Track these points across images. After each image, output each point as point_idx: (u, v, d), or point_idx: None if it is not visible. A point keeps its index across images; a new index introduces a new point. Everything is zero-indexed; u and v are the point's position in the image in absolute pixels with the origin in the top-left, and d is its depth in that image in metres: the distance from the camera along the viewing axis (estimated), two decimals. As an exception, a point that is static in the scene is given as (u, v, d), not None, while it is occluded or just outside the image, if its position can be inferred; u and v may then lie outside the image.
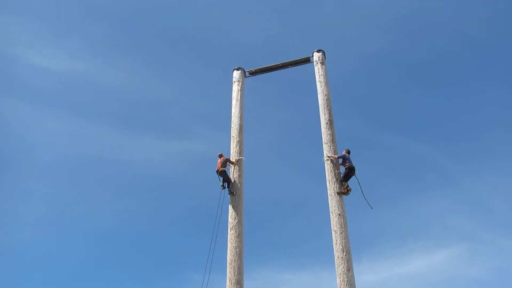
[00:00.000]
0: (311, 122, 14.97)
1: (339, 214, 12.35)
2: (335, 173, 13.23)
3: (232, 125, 15.53)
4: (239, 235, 13.20)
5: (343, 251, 11.72)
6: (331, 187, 13.01)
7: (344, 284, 11.29)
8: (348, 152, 13.55)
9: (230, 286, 12.45)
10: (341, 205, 12.53)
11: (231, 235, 13.24)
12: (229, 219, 13.54)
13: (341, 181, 13.07)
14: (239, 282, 12.47)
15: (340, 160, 13.48)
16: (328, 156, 13.58)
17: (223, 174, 14.15)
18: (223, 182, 14.23)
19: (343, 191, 12.84)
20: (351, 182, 13.15)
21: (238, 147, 14.87)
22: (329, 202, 12.69)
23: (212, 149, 14.31)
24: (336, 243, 11.91)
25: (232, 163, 14.59)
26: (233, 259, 12.78)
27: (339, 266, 11.58)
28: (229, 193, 14.09)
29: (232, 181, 14.25)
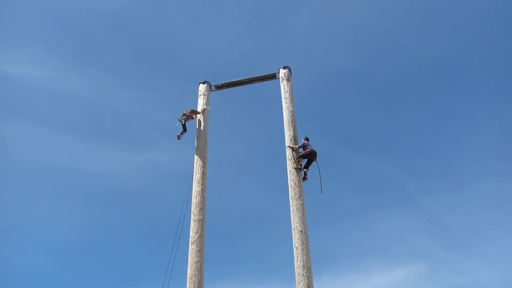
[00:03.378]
0: (275, 137, 15.11)
1: (301, 231, 12.40)
2: (294, 157, 13.93)
3: (196, 138, 15.44)
4: (200, 250, 13.05)
5: (304, 268, 11.75)
6: (289, 164, 13.85)
7: (304, 301, 11.31)
8: (307, 139, 14.32)
9: (190, 301, 12.30)
10: (303, 221, 12.58)
11: (192, 249, 13.08)
12: (191, 233, 13.39)
13: (297, 158, 13.86)
14: (198, 298, 12.33)
15: (301, 149, 14.03)
16: (289, 146, 14.21)
17: (185, 121, 15.23)
18: (181, 132, 15.22)
19: (299, 167, 13.65)
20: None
21: (201, 161, 14.78)
22: (291, 218, 12.74)
23: (176, 162, 14.29)
24: (298, 260, 11.93)
25: (198, 113, 15.71)
26: (193, 274, 12.63)
27: (300, 283, 11.59)
28: (178, 139, 15.24)
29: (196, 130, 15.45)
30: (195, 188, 14.22)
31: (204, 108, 15.95)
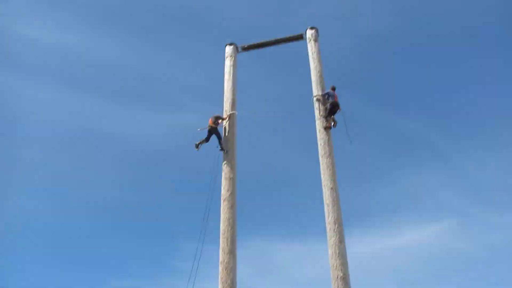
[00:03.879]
0: (304, 97, 15.22)
1: (331, 188, 12.66)
2: (320, 109, 14.20)
3: (224, 99, 15.64)
4: (232, 207, 13.43)
5: (335, 224, 12.07)
6: (318, 123, 14.08)
7: (335, 255, 11.66)
8: (334, 88, 14.53)
9: (223, 255, 12.72)
10: (333, 179, 12.83)
11: (224, 206, 13.46)
12: (222, 191, 13.74)
13: (325, 116, 13.98)
14: (231, 252, 12.75)
15: (328, 98, 14.33)
16: (315, 96, 14.57)
17: (215, 131, 14.61)
18: (201, 142, 14.75)
19: (328, 126, 13.80)
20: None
21: (231, 121, 14.99)
22: (322, 175, 13.00)
23: (204, 122, 14.39)
24: (328, 216, 12.25)
25: (224, 119, 14.94)
26: (226, 230, 13.03)
27: (331, 238, 11.94)
28: (220, 150, 14.46)
29: (223, 137, 14.69)
30: (224, 131, 14.81)
31: (230, 114, 15.18)
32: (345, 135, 14.07)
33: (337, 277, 11.36)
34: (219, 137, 14.59)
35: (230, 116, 15.04)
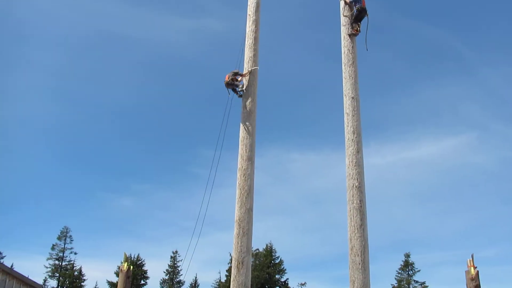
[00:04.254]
0: (329, 3, 14.51)
1: (352, 97, 12.42)
2: (346, 15, 13.52)
3: (248, 3, 15.07)
4: (252, 114, 13.40)
5: (354, 133, 11.97)
6: (343, 30, 13.46)
7: (352, 165, 11.68)
8: None
9: (242, 162, 12.91)
10: (355, 88, 12.55)
11: (244, 113, 13.45)
12: (243, 97, 13.69)
13: (351, 22, 13.30)
14: (250, 159, 12.91)
15: (354, 2, 13.50)
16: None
17: (230, 86, 13.96)
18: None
19: (354, 32, 13.21)
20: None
21: (254, 26, 14.52)
22: (343, 84, 12.72)
23: (227, 29, 13.96)
24: (348, 126, 12.13)
25: (243, 75, 13.95)
26: (245, 137, 13.11)
27: (349, 148, 11.90)
28: (239, 96, 13.96)
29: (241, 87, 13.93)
30: (247, 53, 14.20)
31: (251, 69, 13.95)
32: (370, 43, 13.49)
33: (353, 186, 11.45)
34: (234, 91, 14.06)
35: (252, 72, 13.94)
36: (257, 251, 55.25)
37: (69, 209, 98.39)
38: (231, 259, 11.97)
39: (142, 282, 62.70)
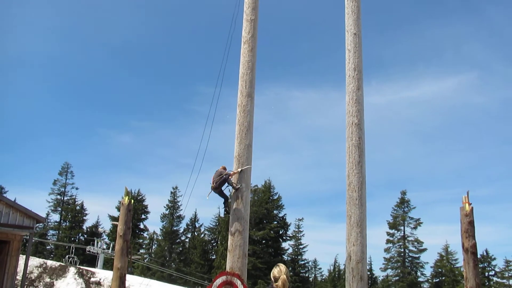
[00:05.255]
0: None
1: (355, 34, 12.19)
2: None
3: None
4: (252, 50, 13.22)
5: (354, 70, 11.85)
6: None
7: (352, 102, 11.64)
8: None
9: (241, 98, 12.86)
10: (358, 24, 12.29)
11: (244, 49, 13.27)
12: (243, 33, 13.44)
13: None
14: (250, 95, 12.86)
15: None
16: None
17: (217, 192, 12.53)
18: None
19: None
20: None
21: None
22: (346, 20, 12.46)
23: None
24: (349, 62, 11.99)
25: (232, 174, 12.27)
26: (245, 73, 13.00)
27: (349, 85, 11.82)
28: (225, 213, 12.61)
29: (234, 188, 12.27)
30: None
31: (241, 169, 12.29)
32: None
33: (352, 124, 11.47)
34: (225, 199, 12.64)
35: (241, 172, 12.31)
36: (255, 187, 56.20)
37: (70, 145, 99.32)
38: (230, 195, 11.90)
39: (143, 216, 64.21)
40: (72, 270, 31.13)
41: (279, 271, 4.79)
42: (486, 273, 54.41)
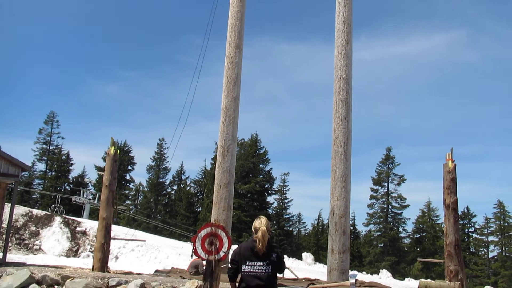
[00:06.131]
0: None
1: (346, -14, 11.96)
2: None
3: None
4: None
5: (344, 24, 11.68)
6: None
7: (341, 56, 11.53)
8: None
9: (230, 49, 12.68)
10: (349, -24, 12.06)
11: (233, -1, 12.99)
12: (232, -17, 13.14)
13: None
14: (238, 46, 12.67)
15: None
16: None
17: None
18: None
19: None
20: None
21: None
22: (338, -28, 12.19)
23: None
24: (339, 15, 11.80)
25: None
26: (234, 23, 12.76)
27: (339, 39, 11.67)
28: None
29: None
30: None
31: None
32: None
33: (340, 78, 11.40)
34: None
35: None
36: (242, 140, 56.29)
37: (56, 95, 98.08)
38: (216, 148, 11.90)
39: (129, 167, 64.32)
40: (57, 219, 31.31)
41: (259, 223, 4.88)
42: (466, 230, 55.82)
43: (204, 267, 6.44)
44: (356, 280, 8.41)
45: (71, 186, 61.33)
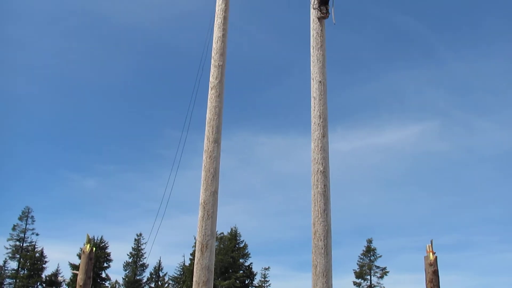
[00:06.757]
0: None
1: (320, 81, 12.35)
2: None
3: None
4: (220, 95, 13.19)
5: (320, 118, 11.92)
6: (313, 13, 13.21)
7: (318, 149, 11.65)
8: None
9: (208, 144, 12.73)
10: (323, 72, 12.48)
11: (211, 94, 13.23)
12: (211, 79, 13.43)
13: (319, 5, 13.03)
14: (216, 141, 12.74)
15: None
16: None
17: None
18: None
19: (323, 15, 12.97)
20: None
21: (223, 5, 14.22)
22: (311, 68, 12.64)
23: (196, 7, 13.63)
24: (314, 110, 12.07)
25: None
26: (212, 118, 12.92)
27: (315, 132, 11.86)
28: None
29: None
30: (216, 33, 13.92)
31: None
32: (338, 25, 13.42)
33: (317, 171, 11.44)
34: None
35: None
36: (221, 234, 55.37)
37: (32, 189, 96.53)
38: (195, 243, 11.62)
39: (105, 264, 62.12)
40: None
41: None
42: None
43: None
44: None
45: (44, 285, 58.73)
